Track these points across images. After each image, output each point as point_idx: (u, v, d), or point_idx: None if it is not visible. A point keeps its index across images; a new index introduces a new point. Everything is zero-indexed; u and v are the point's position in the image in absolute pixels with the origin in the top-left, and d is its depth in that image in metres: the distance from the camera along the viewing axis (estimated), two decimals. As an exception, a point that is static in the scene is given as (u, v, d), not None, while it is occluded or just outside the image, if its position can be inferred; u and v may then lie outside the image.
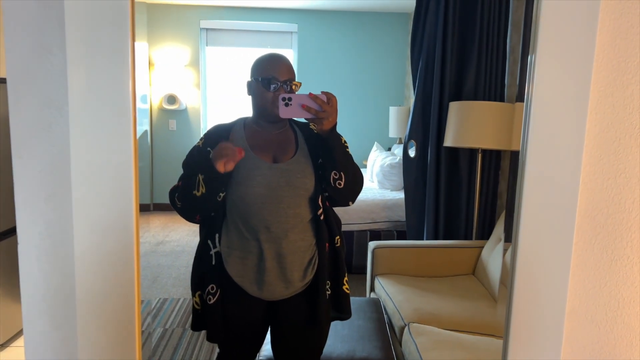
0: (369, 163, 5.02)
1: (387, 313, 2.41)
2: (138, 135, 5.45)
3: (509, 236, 0.90)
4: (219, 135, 1.56)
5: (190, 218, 1.54)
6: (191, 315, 1.63)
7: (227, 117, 1.66)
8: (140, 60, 5.46)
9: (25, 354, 0.73)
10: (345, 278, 1.64)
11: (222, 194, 1.47)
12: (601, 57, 0.78)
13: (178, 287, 3.63)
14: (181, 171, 1.58)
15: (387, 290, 2.54)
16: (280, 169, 1.51)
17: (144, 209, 5.58)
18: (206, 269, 1.55)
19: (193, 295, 1.61)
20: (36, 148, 0.70)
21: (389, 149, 5.45)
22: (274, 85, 1.48)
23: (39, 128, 0.70)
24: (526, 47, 0.82)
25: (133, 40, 0.72)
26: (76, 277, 0.70)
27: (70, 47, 0.70)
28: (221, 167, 1.37)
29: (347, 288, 1.64)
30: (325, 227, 1.58)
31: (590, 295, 0.82)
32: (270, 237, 1.50)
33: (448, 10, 2.98)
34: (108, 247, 0.73)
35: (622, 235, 0.81)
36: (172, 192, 1.54)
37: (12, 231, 2.67)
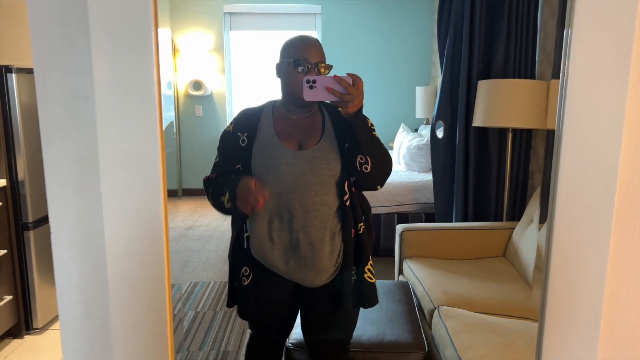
0: (396, 145, 4.97)
1: (416, 296, 2.39)
2: (165, 123, 5.52)
3: (544, 217, 0.88)
4: (248, 119, 1.57)
5: (222, 211, 1.57)
6: (226, 294, 1.68)
7: (253, 101, 1.66)
8: (165, 46, 5.50)
9: (61, 341, 0.75)
10: (368, 266, 1.60)
11: (257, 167, 1.51)
12: (643, 29, 0.74)
13: (208, 271, 3.69)
14: (209, 157, 1.61)
15: (415, 273, 2.53)
16: (305, 156, 1.50)
17: (172, 194, 5.67)
18: (241, 251, 1.59)
19: (229, 276, 1.66)
20: (64, 139, 0.70)
21: (416, 130, 5.38)
22: (302, 67, 1.46)
23: (67, 119, 0.70)
24: (562, 21, 0.78)
25: (156, 27, 0.71)
26: (108, 265, 0.71)
27: (94, 37, 0.70)
28: (245, 210, 1.42)
29: (369, 277, 1.60)
30: (352, 213, 1.57)
31: (630, 280, 0.79)
32: (298, 226, 1.50)
33: (476, -14, 2.89)
34: (138, 234, 0.73)
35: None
36: (207, 184, 1.58)
37: (45, 219, 2.75)
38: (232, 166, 1.56)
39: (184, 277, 3.60)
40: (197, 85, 5.70)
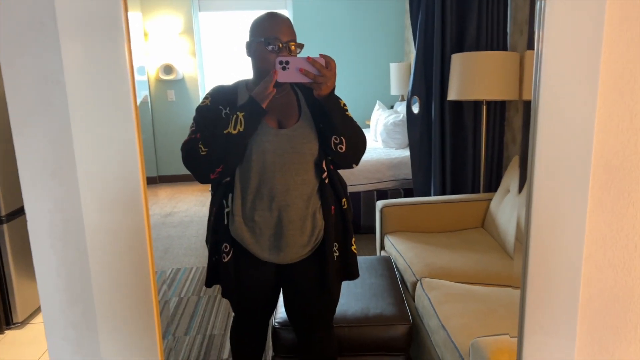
0: (372, 122, 4.98)
1: (398, 270, 2.43)
2: (139, 108, 5.47)
3: (522, 186, 0.89)
4: (226, 95, 1.54)
5: (209, 169, 1.46)
6: (205, 272, 1.66)
7: (225, 83, 1.62)
8: (135, 30, 5.36)
9: (45, 330, 0.74)
10: (353, 239, 1.66)
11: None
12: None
13: (190, 257, 3.67)
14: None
15: (397, 248, 2.56)
16: (286, 135, 1.50)
17: (150, 181, 5.60)
18: (221, 227, 1.57)
19: (209, 251, 1.64)
20: (36, 124, 0.68)
21: (392, 107, 5.39)
22: (273, 46, 1.44)
23: (38, 103, 0.68)
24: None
25: (126, 9, 0.69)
26: (89, 251, 0.70)
27: (62, 19, 0.68)
28: (267, 94, 1.38)
29: (355, 248, 1.67)
30: (331, 190, 1.59)
31: (608, 240, 0.81)
32: (279, 204, 1.51)
33: (446, -42, 2.88)
34: (119, 218, 0.72)
35: (638, 177, 0.79)
36: (189, 144, 1.47)
37: (19, 212, 2.68)
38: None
39: (165, 264, 3.58)
40: (168, 69, 5.58)
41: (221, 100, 1.52)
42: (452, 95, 2.83)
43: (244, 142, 1.43)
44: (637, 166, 0.79)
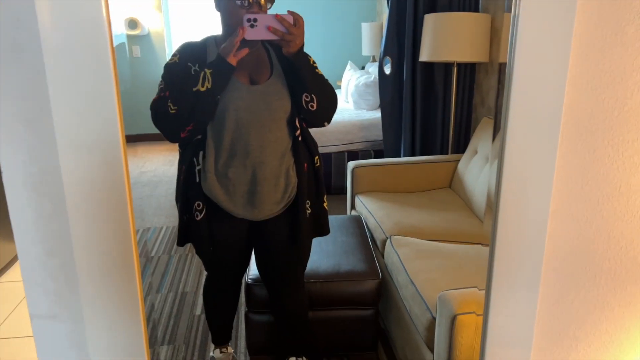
0: (343, 83, 4.95)
1: (368, 228, 2.48)
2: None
3: (495, 153, 0.92)
4: (195, 52, 1.50)
5: (179, 127, 1.44)
6: (177, 231, 1.66)
7: (193, 38, 1.58)
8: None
9: (23, 281, 0.73)
10: (325, 196, 1.69)
11: (219, 97, 1.43)
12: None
13: (160, 217, 3.65)
14: (150, 101, 1.49)
15: (367, 207, 2.60)
16: (259, 91, 1.49)
17: (115, 141, 5.45)
18: (193, 185, 1.56)
19: (180, 210, 1.63)
20: (8, 69, 0.65)
21: (363, 68, 5.36)
22: (243, 1, 1.41)
23: (9, 49, 0.65)
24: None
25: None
26: (67, 202, 0.69)
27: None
28: (235, 54, 1.35)
29: (326, 205, 1.70)
30: (304, 148, 1.60)
31: (573, 195, 0.85)
32: (253, 160, 1.51)
33: None
34: (96, 167, 0.71)
35: (603, 134, 0.83)
36: (158, 103, 1.44)
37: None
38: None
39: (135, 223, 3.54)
40: (133, 23, 5.37)
41: (190, 57, 1.49)
42: (424, 56, 2.83)
43: (213, 99, 1.41)
44: (603, 123, 0.82)
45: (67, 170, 0.67)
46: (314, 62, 1.50)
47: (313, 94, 1.47)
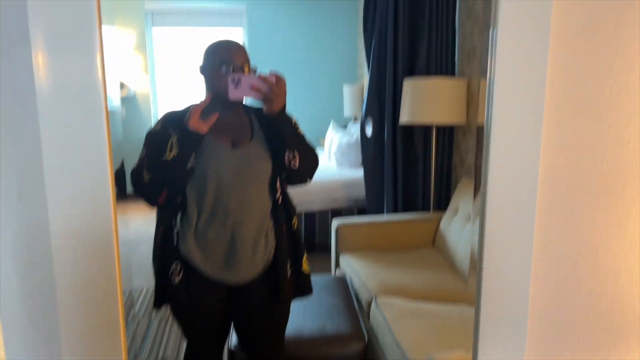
0: (327, 142, 5.05)
1: (353, 288, 2.46)
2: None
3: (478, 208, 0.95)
4: (177, 120, 1.53)
5: (155, 194, 1.49)
6: (154, 293, 1.63)
7: (179, 101, 1.62)
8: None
9: (5, 353, 0.71)
10: (304, 258, 1.69)
11: (191, 163, 1.45)
12: (557, 29, 0.82)
13: (140, 278, 3.57)
14: (135, 160, 1.54)
15: (352, 266, 2.60)
16: (240, 154, 1.53)
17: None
18: (170, 248, 1.55)
19: (156, 272, 1.61)
20: (4, 141, 0.67)
21: (345, 127, 5.49)
22: (226, 67, 1.47)
23: (6, 124, 0.67)
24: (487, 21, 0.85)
25: (100, 23, 0.70)
26: (55, 274, 0.69)
27: (33, 31, 0.68)
28: (200, 128, 1.40)
29: (305, 268, 1.69)
30: (283, 210, 1.62)
31: (554, 255, 0.88)
32: (233, 222, 1.52)
33: (398, -12, 3.00)
34: (86, 240, 0.71)
35: (582, 194, 0.86)
36: (136, 171, 1.49)
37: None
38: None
39: (114, 285, 3.46)
40: (120, 86, 5.46)
41: (171, 125, 1.52)
42: (404, 118, 2.93)
43: (180, 166, 1.44)
44: (581, 184, 0.86)
45: (56, 242, 0.68)
46: (296, 122, 1.56)
47: (295, 151, 1.51)
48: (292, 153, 1.51)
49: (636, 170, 0.87)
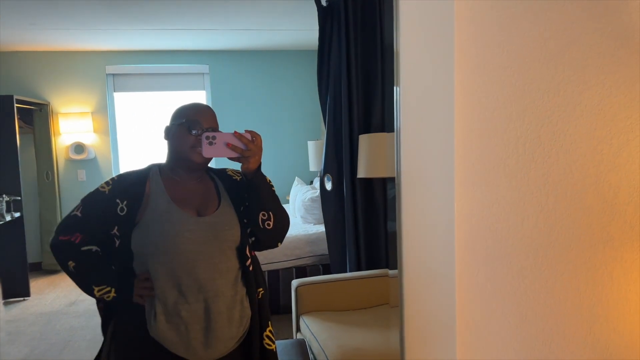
0: (291, 198, 5.00)
1: (312, 353, 2.34)
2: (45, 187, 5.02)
3: (394, 264, 0.90)
4: (131, 186, 1.44)
5: (89, 289, 1.47)
6: None
7: (140, 164, 1.55)
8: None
9: None
10: (267, 332, 1.54)
11: (154, 234, 1.40)
12: (461, 88, 0.80)
13: (93, 351, 3.35)
14: None
15: (311, 329, 2.48)
16: (207, 222, 1.44)
17: (55, 267, 5.17)
18: (137, 333, 1.42)
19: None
20: None
21: (311, 183, 5.48)
22: (195, 131, 1.41)
23: None
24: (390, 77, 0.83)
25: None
26: None
27: None
28: (142, 302, 1.40)
29: (268, 343, 1.53)
30: (254, 277, 1.52)
31: (478, 321, 0.82)
32: (204, 295, 1.41)
33: (350, 48, 3.07)
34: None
35: (501, 261, 0.82)
36: (64, 249, 1.44)
37: None
38: (98, 230, 1.43)
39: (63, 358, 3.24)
40: (79, 148, 5.38)
41: (122, 192, 1.43)
42: (362, 173, 2.92)
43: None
44: (500, 252, 0.82)
45: None
46: (270, 181, 1.49)
47: (270, 212, 1.44)
48: (267, 214, 1.44)
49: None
